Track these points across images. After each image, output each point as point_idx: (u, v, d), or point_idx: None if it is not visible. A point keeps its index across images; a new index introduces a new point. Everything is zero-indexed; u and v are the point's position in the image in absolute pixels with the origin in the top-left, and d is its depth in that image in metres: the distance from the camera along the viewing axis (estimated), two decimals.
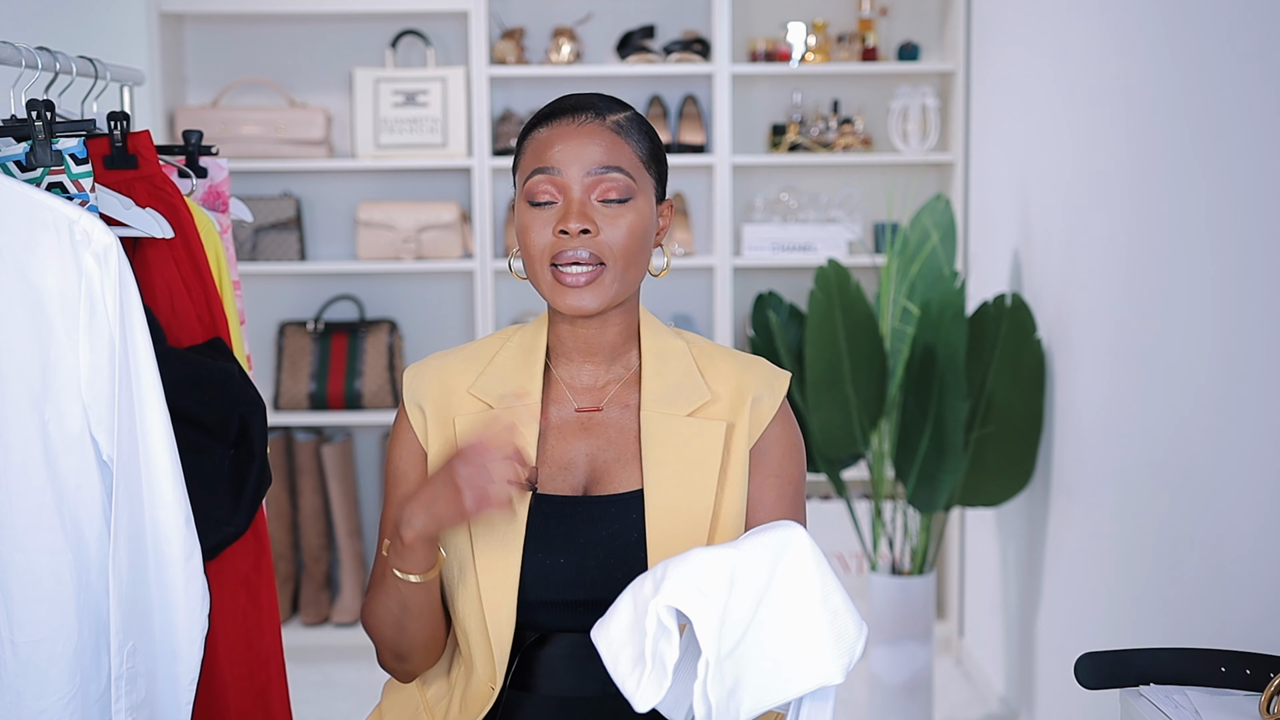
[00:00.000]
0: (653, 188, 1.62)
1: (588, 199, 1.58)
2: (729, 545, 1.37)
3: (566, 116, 1.60)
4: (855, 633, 1.35)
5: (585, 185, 1.58)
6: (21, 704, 1.65)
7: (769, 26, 4.32)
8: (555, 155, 1.58)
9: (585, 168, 1.57)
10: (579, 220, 1.56)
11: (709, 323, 4.31)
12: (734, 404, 1.63)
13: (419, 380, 1.67)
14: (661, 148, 1.66)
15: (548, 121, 1.61)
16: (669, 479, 1.59)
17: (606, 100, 1.64)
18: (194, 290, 2.02)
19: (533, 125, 1.63)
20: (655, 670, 1.33)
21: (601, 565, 1.58)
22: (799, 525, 1.39)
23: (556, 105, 1.63)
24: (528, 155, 1.61)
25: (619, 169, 1.58)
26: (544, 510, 1.60)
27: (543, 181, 1.58)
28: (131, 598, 1.66)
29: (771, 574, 1.36)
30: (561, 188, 1.58)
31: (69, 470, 1.65)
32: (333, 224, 4.40)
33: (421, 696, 1.66)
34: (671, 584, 1.34)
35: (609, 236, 1.57)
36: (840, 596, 1.36)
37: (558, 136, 1.59)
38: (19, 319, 1.62)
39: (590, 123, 1.59)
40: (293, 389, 4.25)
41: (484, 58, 4.15)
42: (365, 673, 3.96)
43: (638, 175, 1.60)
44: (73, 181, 1.81)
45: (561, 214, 1.57)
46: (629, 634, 1.36)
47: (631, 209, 1.59)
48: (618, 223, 1.58)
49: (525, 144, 1.63)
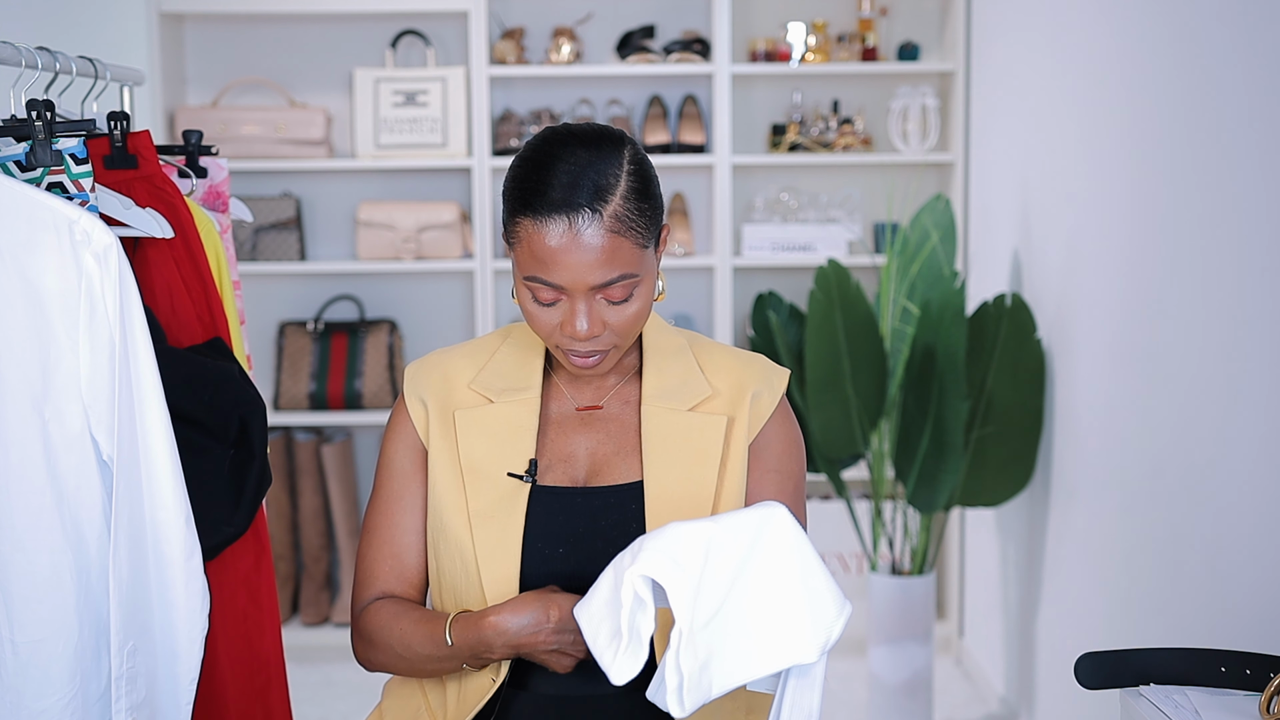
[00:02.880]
0: (654, 250, 1.57)
1: (593, 300, 1.53)
2: (707, 519, 1.37)
3: (560, 217, 1.48)
4: (835, 613, 1.35)
5: (589, 291, 1.52)
6: (21, 704, 1.65)
7: (769, 26, 4.33)
8: (555, 271, 1.49)
9: (588, 284, 1.50)
10: (589, 327, 1.52)
11: (709, 323, 4.31)
12: (734, 399, 1.63)
13: (420, 375, 1.67)
14: (658, 194, 1.57)
15: (544, 216, 1.48)
16: (669, 471, 1.59)
17: (597, 169, 1.50)
18: (194, 290, 2.02)
19: (526, 206, 1.50)
20: (632, 643, 1.33)
21: (600, 556, 1.57)
22: (781, 505, 1.39)
23: (554, 193, 1.49)
24: (524, 249, 1.51)
25: (623, 276, 1.52)
26: (543, 501, 1.60)
27: (544, 289, 1.52)
28: (131, 598, 1.66)
29: (750, 550, 1.36)
30: (564, 294, 1.52)
31: (69, 470, 1.65)
32: (333, 224, 4.40)
33: (422, 696, 1.66)
34: (647, 554, 1.34)
35: (615, 325, 1.54)
36: (821, 576, 1.36)
37: (556, 249, 1.48)
38: (19, 319, 1.62)
39: (589, 227, 1.48)
40: (293, 389, 4.25)
41: (484, 58, 4.15)
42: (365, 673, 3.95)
43: (641, 264, 1.53)
44: (73, 181, 1.81)
45: (566, 316, 1.53)
46: (607, 608, 1.36)
47: (637, 298, 1.55)
48: (624, 313, 1.54)
49: (520, 228, 1.51)
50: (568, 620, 1.49)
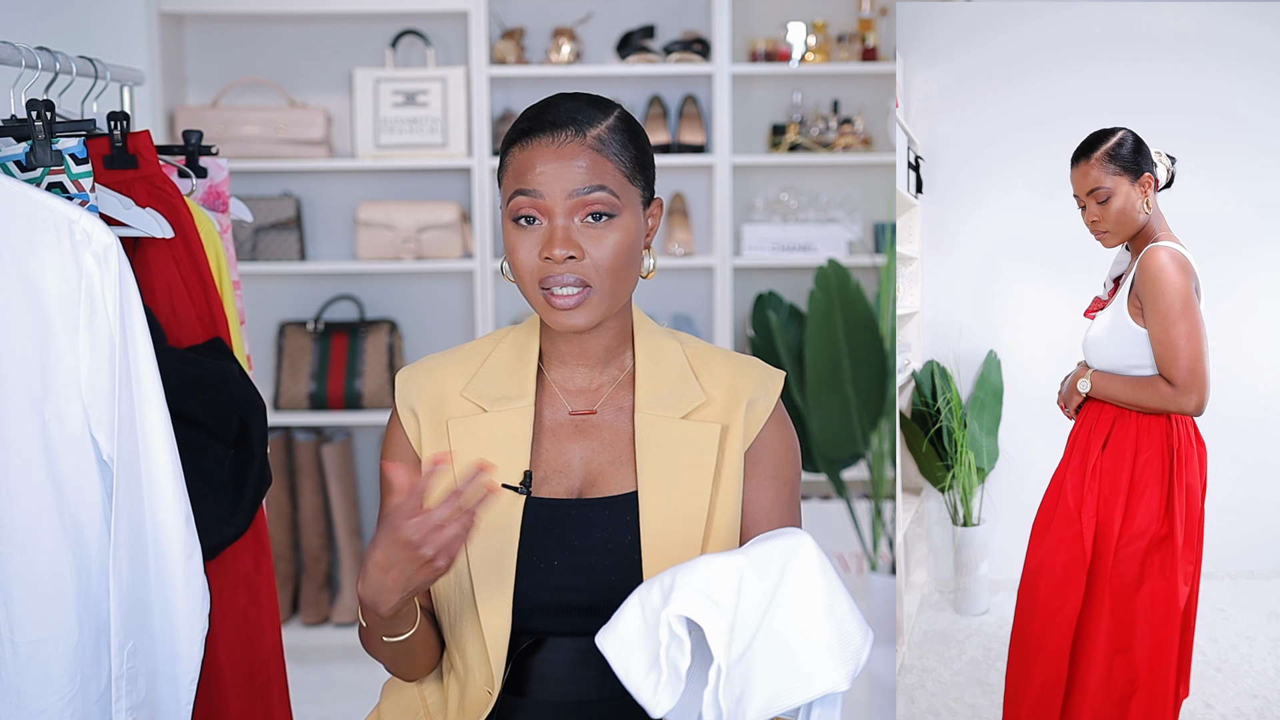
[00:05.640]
0: (639, 196, 1.59)
1: (571, 220, 1.55)
2: (737, 552, 1.38)
3: (545, 135, 1.55)
4: (860, 639, 1.36)
5: (568, 207, 1.54)
6: (21, 704, 1.65)
7: (769, 26, 4.33)
8: (535, 178, 1.54)
9: (566, 190, 1.54)
10: (564, 246, 1.54)
11: (709, 323, 4.31)
12: (728, 406, 1.63)
13: (411, 384, 1.65)
14: (648, 150, 1.62)
15: (527, 138, 1.57)
16: (663, 482, 1.59)
17: (588, 109, 1.58)
18: (194, 290, 2.02)
19: (514, 138, 1.59)
20: (670, 678, 1.34)
21: (596, 568, 1.57)
22: (806, 534, 1.39)
23: (536, 119, 1.58)
24: (510, 172, 1.58)
25: (601, 188, 1.55)
26: (538, 513, 1.60)
27: (525, 203, 1.55)
28: (131, 598, 1.66)
29: (779, 581, 1.36)
30: (544, 209, 1.55)
31: (69, 470, 1.65)
32: (333, 224, 4.40)
33: (421, 697, 1.66)
34: (682, 592, 1.34)
35: (594, 257, 1.55)
36: (846, 603, 1.37)
37: (538, 157, 1.55)
38: (19, 319, 1.63)
39: (570, 142, 1.55)
40: (293, 389, 4.25)
41: (484, 58, 4.15)
42: (365, 673, 3.95)
43: (621, 191, 1.56)
44: (73, 181, 1.81)
45: (546, 238, 1.55)
46: (640, 642, 1.36)
47: (616, 226, 1.56)
48: (602, 242, 1.55)
49: (507, 158, 1.59)
50: (397, 528, 1.42)
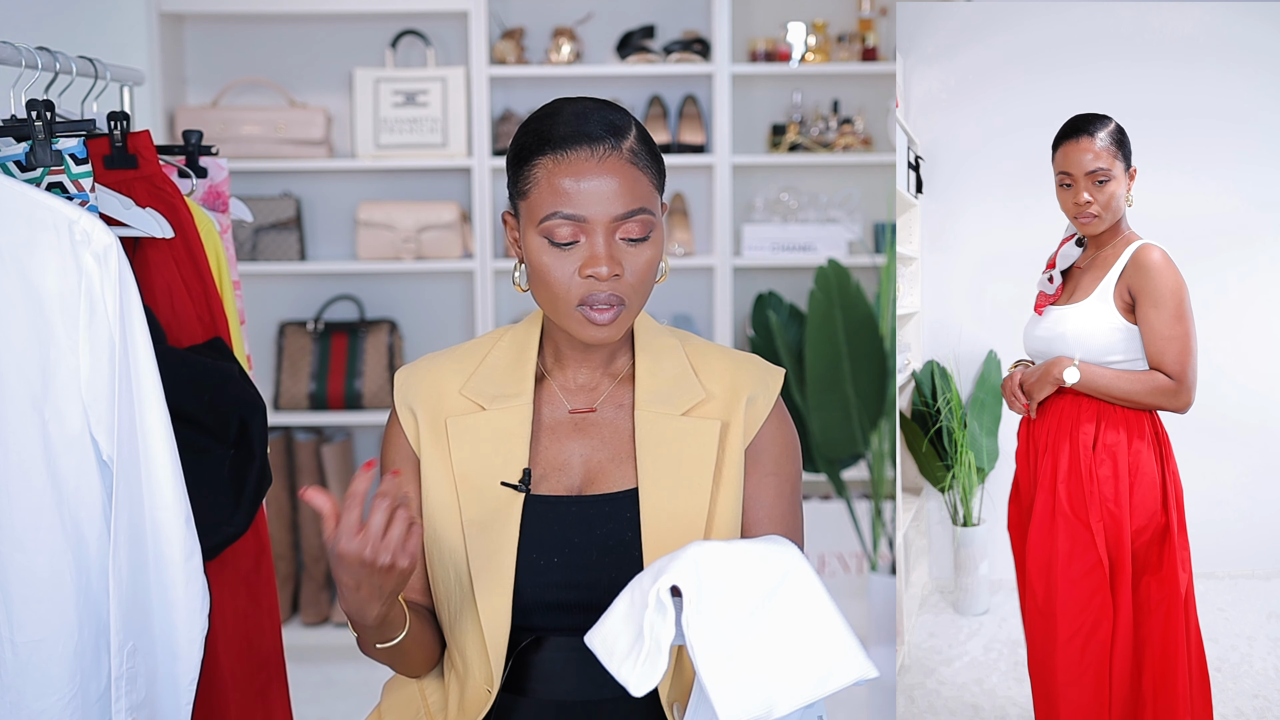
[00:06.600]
0: (660, 205, 1.58)
1: (612, 239, 1.52)
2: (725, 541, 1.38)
3: (584, 147, 1.51)
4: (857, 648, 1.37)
5: (609, 227, 1.52)
6: (21, 704, 1.65)
7: (769, 26, 4.33)
8: (579, 199, 1.50)
9: (611, 214, 1.51)
10: (610, 265, 1.51)
11: (709, 323, 4.31)
12: (728, 403, 1.62)
13: (410, 383, 1.65)
14: (658, 153, 1.60)
15: (563, 149, 1.51)
16: (663, 478, 1.58)
17: (611, 117, 1.54)
18: (194, 290, 2.02)
19: (543, 146, 1.53)
20: (651, 650, 1.32)
21: (595, 565, 1.57)
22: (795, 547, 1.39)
23: (569, 128, 1.52)
24: (543, 188, 1.52)
25: (643, 209, 1.52)
26: (537, 510, 1.60)
27: (564, 225, 1.51)
28: (131, 598, 1.66)
29: (784, 574, 1.36)
30: (584, 230, 1.52)
31: (69, 470, 1.65)
32: (333, 224, 4.40)
33: (421, 696, 1.66)
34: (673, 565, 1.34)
35: (630, 273, 1.53)
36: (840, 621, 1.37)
37: (577, 172, 1.50)
38: (19, 319, 1.62)
39: (610, 155, 1.51)
40: (293, 389, 4.25)
41: (484, 58, 4.15)
42: (365, 673, 3.95)
43: (654, 206, 1.55)
44: (73, 181, 1.81)
45: (588, 257, 1.51)
46: (624, 622, 1.35)
47: (652, 243, 1.54)
48: (638, 259, 1.53)
49: (537, 170, 1.53)
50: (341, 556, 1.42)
